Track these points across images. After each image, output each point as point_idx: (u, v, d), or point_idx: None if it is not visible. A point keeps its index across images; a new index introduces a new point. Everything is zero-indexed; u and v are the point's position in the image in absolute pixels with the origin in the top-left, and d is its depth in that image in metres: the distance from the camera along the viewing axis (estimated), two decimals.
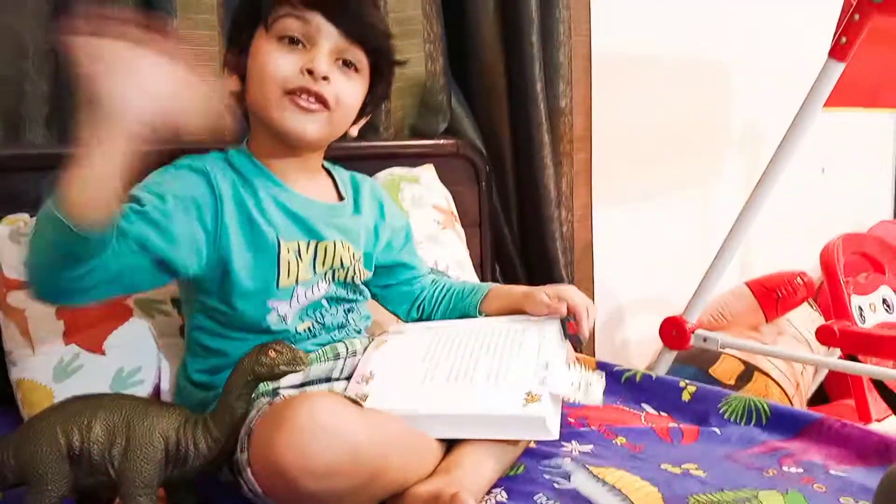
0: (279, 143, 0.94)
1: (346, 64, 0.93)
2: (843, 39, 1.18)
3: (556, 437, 0.84)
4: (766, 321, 1.90)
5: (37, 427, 0.74)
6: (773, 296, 1.85)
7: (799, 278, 1.84)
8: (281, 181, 0.95)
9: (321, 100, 0.90)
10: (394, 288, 1.10)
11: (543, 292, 0.99)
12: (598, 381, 0.88)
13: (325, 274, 0.95)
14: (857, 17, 1.16)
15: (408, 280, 1.10)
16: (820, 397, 2.02)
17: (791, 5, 2.00)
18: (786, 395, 1.75)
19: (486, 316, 1.04)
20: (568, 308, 0.97)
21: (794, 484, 0.85)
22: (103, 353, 0.99)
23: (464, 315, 1.06)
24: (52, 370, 0.97)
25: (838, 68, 1.21)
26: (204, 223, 0.87)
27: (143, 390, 1.00)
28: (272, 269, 0.90)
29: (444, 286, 1.10)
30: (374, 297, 1.09)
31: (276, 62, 0.89)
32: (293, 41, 0.90)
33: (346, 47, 0.92)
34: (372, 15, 0.95)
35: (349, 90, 0.93)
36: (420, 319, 1.09)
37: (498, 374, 0.87)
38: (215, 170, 0.91)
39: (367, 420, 0.76)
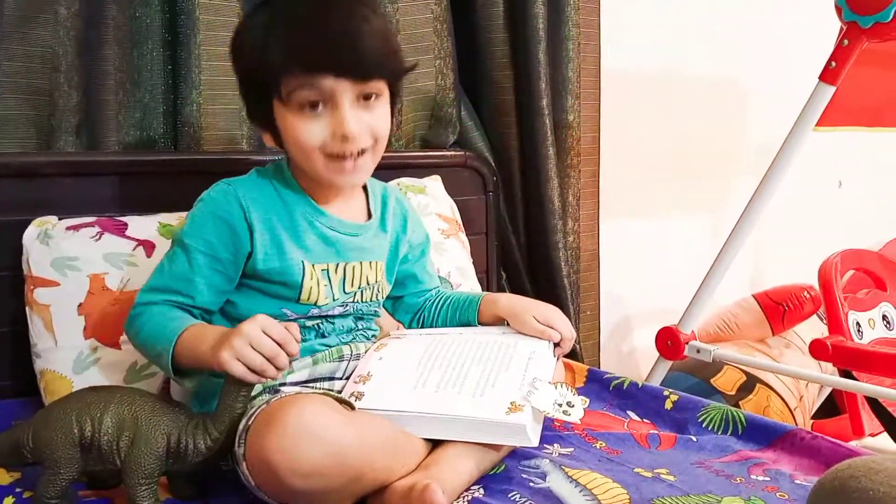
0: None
1: (369, 97, 0.93)
2: (833, 64, 1.22)
3: (536, 444, 0.90)
4: (773, 334, 1.91)
5: (54, 414, 0.82)
6: (780, 309, 1.87)
7: (806, 292, 1.86)
8: (318, 205, 0.99)
9: (363, 151, 0.94)
10: (403, 299, 1.16)
11: (532, 315, 1.04)
12: (580, 404, 0.94)
13: (354, 294, 1.01)
14: (846, 42, 1.20)
15: (416, 293, 1.15)
16: (832, 410, 2.02)
17: (809, 29, 2.02)
18: (788, 407, 1.77)
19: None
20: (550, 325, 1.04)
21: (758, 491, 0.90)
22: (119, 348, 1.07)
23: (464, 325, 1.11)
24: (73, 362, 1.05)
25: (828, 91, 1.24)
26: (239, 246, 0.94)
27: (154, 383, 1.07)
28: (294, 291, 0.96)
29: (442, 297, 1.15)
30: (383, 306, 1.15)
31: (307, 133, 0.91)
32: (314, 105, 0.90)
33: (363, 89, 0.92)
34: (379, 48, 0.92)
35: (380, 119, 0.95)
36: (420, 327, 1.15)
37: (486, 385, 0.93)
38: (248, 196, 0.95)
39: (353, 424, 0.82)
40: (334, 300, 0.99)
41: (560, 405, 0.92)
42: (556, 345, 1.05)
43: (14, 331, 1.12)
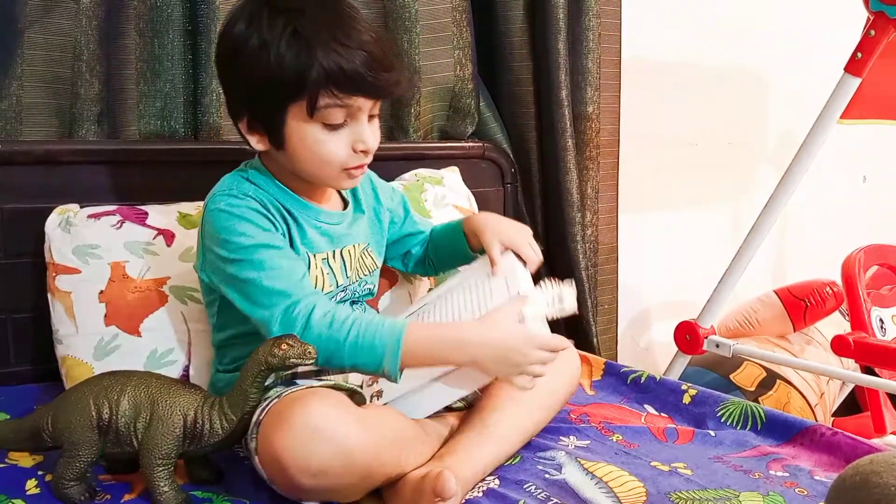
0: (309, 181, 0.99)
1: (374, 114, 0.97)
2: (859, 55, 1.19)
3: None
4: (794, 330, 1.89)
5: (72, 398, 0.83)
6: (801, 305, 1.85)
7: (829, 288, 1.83)
8: (304, 200, 1.00)
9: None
10: (410, 253, 1.18)
11: (498, 240, 1.04)
12: (569, 291, 0.96)
13: (354, 275, 1.03)
14: (872, 32, 1.18)
15: (418, 243, 1.18)
16: (853, 407, 1.99)
17: (834, 18, 1.99)
18: (808, 404, 1.75)
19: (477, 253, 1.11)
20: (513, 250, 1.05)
21: (777, 487, 0.89)
22: (139, 335, 1.08)
23: (461, 254, 1.13)
24: (94, 349, 1.06)
25: (854, 83, 1.22)
26: (282, 230, 0.96)
27: (175, 370, 1.08)
28: None
29: (432, 240, 1.18)
30: (395, 268, 1.20)
31: (329, 148, 0.93)
32: (338, 122, 0.92)
33: (375, 104, 0.96)
34: (400, 70, 0.96)
35: (377, 135, 0.98)
36: (434, 274, 1.21)
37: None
38: (254, 194, 0.95)
39: (361, 422, 0.81)
40: (338, 286, 1.01)
41: (552, 301, 0.95)
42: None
43: (36, 317, 1.13)
